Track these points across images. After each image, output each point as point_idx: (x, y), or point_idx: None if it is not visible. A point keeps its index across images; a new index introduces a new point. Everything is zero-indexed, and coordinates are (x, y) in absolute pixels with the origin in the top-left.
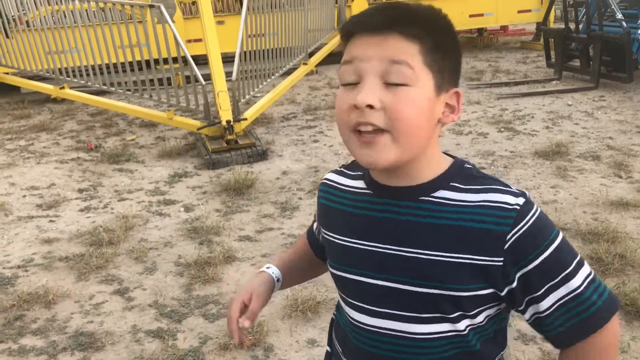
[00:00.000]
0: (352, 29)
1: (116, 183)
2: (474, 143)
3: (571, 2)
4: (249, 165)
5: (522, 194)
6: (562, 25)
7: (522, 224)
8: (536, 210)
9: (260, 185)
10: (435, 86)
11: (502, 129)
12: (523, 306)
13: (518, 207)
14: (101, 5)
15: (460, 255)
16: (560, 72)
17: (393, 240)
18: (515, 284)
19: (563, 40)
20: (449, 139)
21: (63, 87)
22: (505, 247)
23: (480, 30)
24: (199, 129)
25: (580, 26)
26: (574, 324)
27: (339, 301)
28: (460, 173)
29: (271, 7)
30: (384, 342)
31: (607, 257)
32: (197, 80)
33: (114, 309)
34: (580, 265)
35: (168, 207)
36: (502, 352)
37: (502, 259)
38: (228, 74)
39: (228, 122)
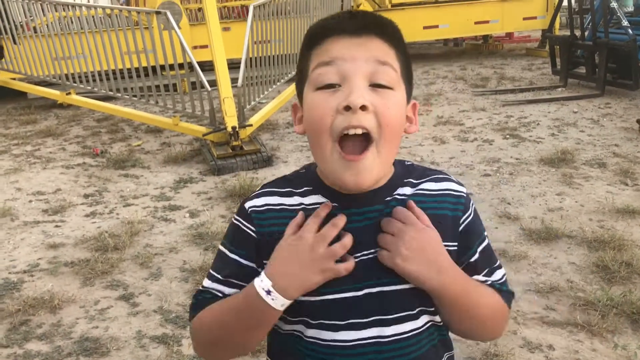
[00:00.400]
0: (329, 30)
1: (122, 188)
2: (479, 150)
3: (577, 9)
4: (254, 171)
5: (462, 184)
6: (568, 33)
7: (469, 210)
8: (473, 202)
9: None
10: (406, 94)
11: (508, 136)
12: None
13: (465, 195)
14: (108, 11)
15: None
16: (565, 79)
17: (368, 245)
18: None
19: (569, 48)
20: (454, 146)
21: (69, 93)
22: (459, 230)
23: (485, 37)
24: (204, 135)
25: (586, 33)
26: (504, 291)
27: (286, 340)
28: (407, 170)
29: (277, 14)
30: (372, 352)
31: (614, 265)
32: (202, 87)
33: (119, 315)
34: (499, 265)
35: (173, 212)
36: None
37: (456, 243)
38: (234, 80)
39: (233, 128)
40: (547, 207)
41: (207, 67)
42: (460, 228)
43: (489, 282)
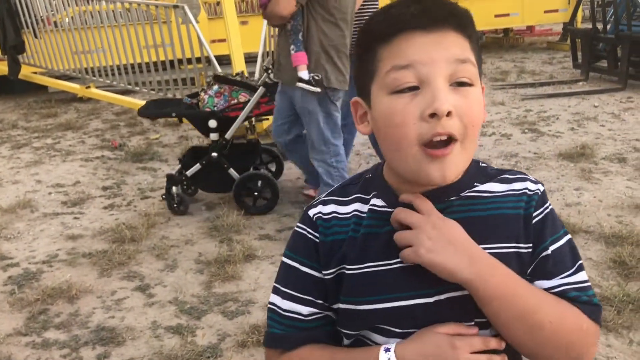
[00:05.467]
0: (400, 25)
1: (139, 181)
2: (497, 144)
3: (599, 2)
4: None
5: (540, 183)
6: (590, 26)
7: (544, 207)
8: (550, 203)
9: (280, 185)
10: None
11: (526, 130)
12: None
13: (539, 192)
14: (127, 6)
15: (504, 245)
16: (587, 73)
17: None
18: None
19: (590, 41)
20: None
21: (89, 87)
22: (532, 229)
23: (506, 31)
24: None
25: (608, 26)
26: (584, 301)
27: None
28: (480, 171)
29: None
30: None
31: (631, 260)
32: None
33: (135, 305)
34: (581, 268)
35: (190, 205)
36: None
37: (530, 244)
38: (251, 74)
39: (250, 121)
40: (565, 202)
41: (226, 60)
42: (533, 226)
43: (560, 289)
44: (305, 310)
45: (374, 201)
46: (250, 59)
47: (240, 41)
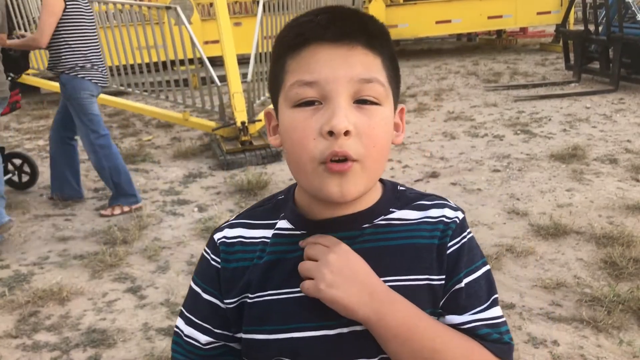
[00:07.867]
0: (306, 36)
1: None
2: (490, 145)
3: (591, 4)
4: (262, 167)
5: (460, 209)
6: (582, 27)
7: (461, 236)
8: (470, 231)
9: (273, 186)
10: (393, 104)
11: (519, 132)
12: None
13: (457, 220)
14: (119, 7)
15: (414, 277)
16: (579, 75)
17: None
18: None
19: (582, 42)
20: (464, 141)
21: None
22: (446, 260)
23: (499, 32)
24: (214, 129)
25: (600, 28)
26: (493, 340)
27: None
28: (396, 196)
29: (287, 9)
30: None
31: (622, 261)
32: (212, 82)
33: (126, 307)
34: (495, 303)
35: (182, 207)
36: None
37: (443, 276)
38: (245, 75)
39: (243, 123)
40: (557, 203)
41: (219, 62)
42: (448, 252)
43: (470, 325)
44: (203, 338)
45: (280, 224)
46: (243, 60)
47: (232, 43)
